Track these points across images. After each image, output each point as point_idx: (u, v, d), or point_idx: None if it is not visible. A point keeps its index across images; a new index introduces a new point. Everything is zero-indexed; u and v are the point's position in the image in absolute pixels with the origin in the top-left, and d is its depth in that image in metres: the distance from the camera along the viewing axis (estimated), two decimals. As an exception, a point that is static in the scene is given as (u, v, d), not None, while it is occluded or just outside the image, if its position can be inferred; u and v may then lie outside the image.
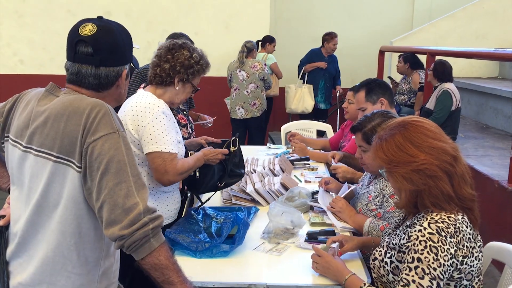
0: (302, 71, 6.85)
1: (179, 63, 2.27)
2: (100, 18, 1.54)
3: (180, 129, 2.51)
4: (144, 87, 3.28)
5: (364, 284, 1.71)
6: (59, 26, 6.95)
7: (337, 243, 2.00)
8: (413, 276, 1.51)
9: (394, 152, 1.62)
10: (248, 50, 5.78)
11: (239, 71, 5.76)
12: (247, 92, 5.75)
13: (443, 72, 5.09)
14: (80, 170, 1.38)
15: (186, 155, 2.42)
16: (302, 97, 6.73)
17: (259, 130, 6.00)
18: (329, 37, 6.82)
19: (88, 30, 1.47)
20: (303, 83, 6.83)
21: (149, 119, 2.18)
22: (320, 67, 6.80)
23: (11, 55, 7.26)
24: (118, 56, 1.51)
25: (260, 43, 6.75)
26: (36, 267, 1.44)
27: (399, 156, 1.61)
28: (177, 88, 2.31)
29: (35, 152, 1.43)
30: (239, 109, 5.82)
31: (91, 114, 1.38)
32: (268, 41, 6.73)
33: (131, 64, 1.63)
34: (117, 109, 1.96)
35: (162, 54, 2.30)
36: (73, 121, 1.38)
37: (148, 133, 2.17)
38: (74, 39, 1.48)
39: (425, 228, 1.54)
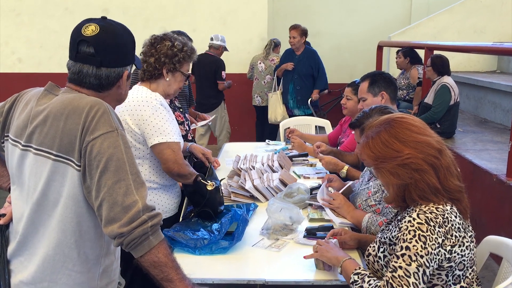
0: (275, 76, 6.31)
1: (162, 54, 2.31)
2: (104, 18, 1.54)
3: None
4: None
5: (359, 267, 1.73)
6: (56, 24, 6.94)
7: (335, 240, 2.01)
8: (400, 263, 1.54)
9: (380, 148, 1.66)
10: (275, 45, 6.52)
11: (259, 63, 6.49)
12: (264, 82, 6.48)
13: (442, 66, 5.10)
14: (80, 169, 1.38)
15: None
16: (274, 105, 6.21)
17: None
18: None
19: (90, 30, 1.47)
20: (278, 89, 6.25)
21: (150, 112, 2.20)
22: (288, 69, 6.03)
23: (9, 54, 7.25)
24: (119, 57, 1.51)
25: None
26: (37, 265, 1.45)
27: (385, 152, 1.65)
28: (167, 79, 2.34)
29: (34, 150, 1.44)
30: (257, 97, 6.57)
31: (90, 113, 1.39)
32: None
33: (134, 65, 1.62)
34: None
35: (147, 50, 2.34)
36: (72, 120, 1.39)
37: (151, 126, 2.20)
38: (77, 38, 1.48)
39: (414, 219, 1.58)
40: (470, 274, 1.66)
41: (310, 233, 2.24)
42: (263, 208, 2.46)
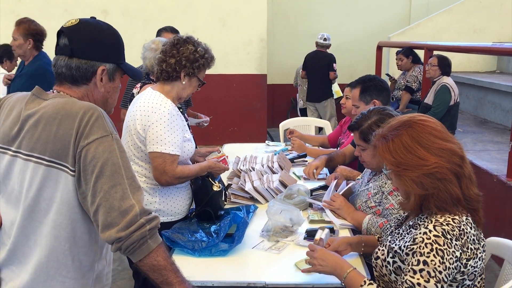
0: None
1: (184, 57, 2.30)
2: (92, 18, 1.53)
3: None
4: (140, 86, 3.28)
5: (365, 282, 1.64)
6: (56, 26, 6.78)
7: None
8: (418, 279, 1.47)
9: (403, 154, 1.55)
10: None
11: (302, 71, 7.25)
12: (305, 88, 7.27)
13: (448, 65, 5.11)
14: (74, 174, 1.36)
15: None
16: None
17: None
18: None
19: (70, 23, 1.48)
20: None
21: (154, 119, 2.22)
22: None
23: (8, 55, 7.22)
24: (93, 50, 1.48)
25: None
26: (30, 273, 1.42)
27: (409, 158, 1.55)
28: (183, 82, 2.34)
29: (24, 156, 1.40)
30: (300, 101, 7.49)
31: (84, 118, 1.36)
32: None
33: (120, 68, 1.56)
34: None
35: (167, 50, 2.32)
36: (65, 125, 1.36)
37: (151, 133, 2.22)
38: (58, 32, 1.49)
39: (430, 231, 1.50)
40: (478, 282, 1.60)
41: (311, 235, 2.22)
42: (263, 209, 2.45)
